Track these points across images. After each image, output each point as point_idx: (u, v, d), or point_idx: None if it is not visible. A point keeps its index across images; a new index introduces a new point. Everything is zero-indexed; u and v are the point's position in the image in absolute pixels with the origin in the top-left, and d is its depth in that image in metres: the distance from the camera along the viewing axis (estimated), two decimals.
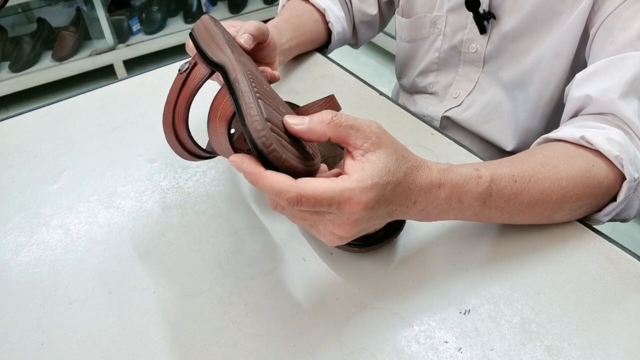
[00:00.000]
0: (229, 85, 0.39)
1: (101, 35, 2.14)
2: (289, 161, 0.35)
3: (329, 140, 0.37)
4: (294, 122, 0.37)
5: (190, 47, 0.52)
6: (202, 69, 0.44)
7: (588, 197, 0.47)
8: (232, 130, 0.42)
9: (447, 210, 0.42)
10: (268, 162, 0.35)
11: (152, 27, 2.25)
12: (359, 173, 0.36)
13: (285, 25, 0.71)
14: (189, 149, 0.47)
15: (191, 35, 0.47)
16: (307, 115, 0.37)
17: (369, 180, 0.35)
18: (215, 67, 0.42)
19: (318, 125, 0.36)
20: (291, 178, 0.35)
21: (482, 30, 0.68)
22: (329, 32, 0.79)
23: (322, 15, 0.78)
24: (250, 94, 0.36)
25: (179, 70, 0.45)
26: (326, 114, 0.36)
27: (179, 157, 0.49)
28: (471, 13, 0.68)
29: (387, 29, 0.91)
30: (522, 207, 0.45)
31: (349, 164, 0.37)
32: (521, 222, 0.48)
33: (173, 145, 0.47)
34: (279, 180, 0.34)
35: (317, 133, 0.36)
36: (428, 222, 0.44)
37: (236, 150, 0.39)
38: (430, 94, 0.81)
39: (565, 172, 0.46)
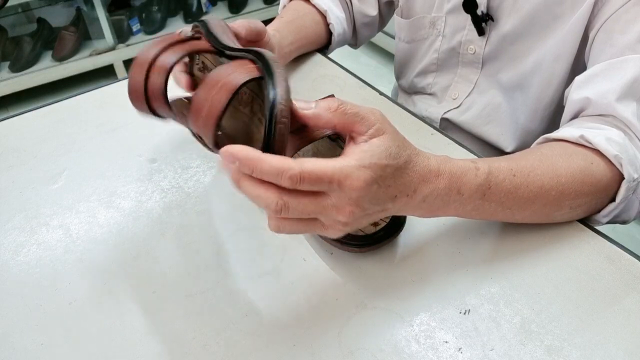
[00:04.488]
0: (259, 56, 0.39)
1: (101, 35, 2.14)
2: (286, 142, 0.35)
3: (335, 127, 0.37)
4: (302, 106, 0.37)
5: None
6: (204, 44, 0.43)
7: (587, 195, 0.47)
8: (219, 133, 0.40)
9: (447, 202, 0.42)
10: (270, 135, 0.35)
11: (152, 27, 2.25)
12: (358, 154, 0.36)
13: (287, 28, 0.71)
14: (153, 104, 0.43)
15: (203, 23, 0.46)
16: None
17: (367, 160, 0.36)
18: (238, 51, 0.42)
19: (325, 111, 0.36)
20: (289, 158, 0.34)
21: (480, 32, 0.68)
22: (329, 33, 0.79)
23: (324, 16, 0.78)
24: (282, 71, 0.37)
25: (180, 31, 0.44)
26: (332, 102, 0.36)
27: (179, 157, 0.49)
28: (470, 14, 0.68)
29: (388, 29, 0.91)
30: (522, 203, 0.45)
31: (350, 148, 0.37)
32: (522, 219, 0.48)
33: (135, 93, 0.42)
34: (279, 159, 0.34)
35: (323, 119, 0.36)
36: (430, 217, 0.44)
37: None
38: (429, 94, 0.81)
39: (564, 168, 0.46)
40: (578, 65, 0.62)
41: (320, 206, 0.36)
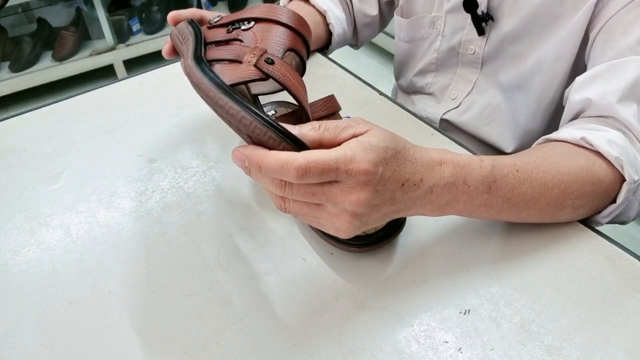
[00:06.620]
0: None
1: (101, 35, 2.14)
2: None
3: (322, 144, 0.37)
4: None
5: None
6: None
7: (589, 195, 0.47)
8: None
9: (455, 195, 0.41)
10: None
11: (152, 27, 2.25)
12: (356, 140, 0.36)
13: None
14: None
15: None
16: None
17: (367, 144, 0.36)
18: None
19: (309, 132, 0.37)
20: (294, 152, 0.35)
21: (480, 31, 0.68)
22: (329, 33, 0.79)
23: (323, 17, 0.78)
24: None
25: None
26: (314, 122, 0.37)
27: (179, 157, 0.49)
28: (469, 14, 0.68)
29: (388, 29, 0.91)
30: (527, 199, 0.45)
31: (345, 142, 0.37)
32: (527, 217, 0.47)
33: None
34: (284, 153, 0.35)
35: (309, 140, 0.37)
36: (440, 214, 0.43)
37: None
38: (428, 94, 0.81)
39: (566, 167, 0.46)
40: (578, 66, 0.62)
41: (327, 189, 0.36)
